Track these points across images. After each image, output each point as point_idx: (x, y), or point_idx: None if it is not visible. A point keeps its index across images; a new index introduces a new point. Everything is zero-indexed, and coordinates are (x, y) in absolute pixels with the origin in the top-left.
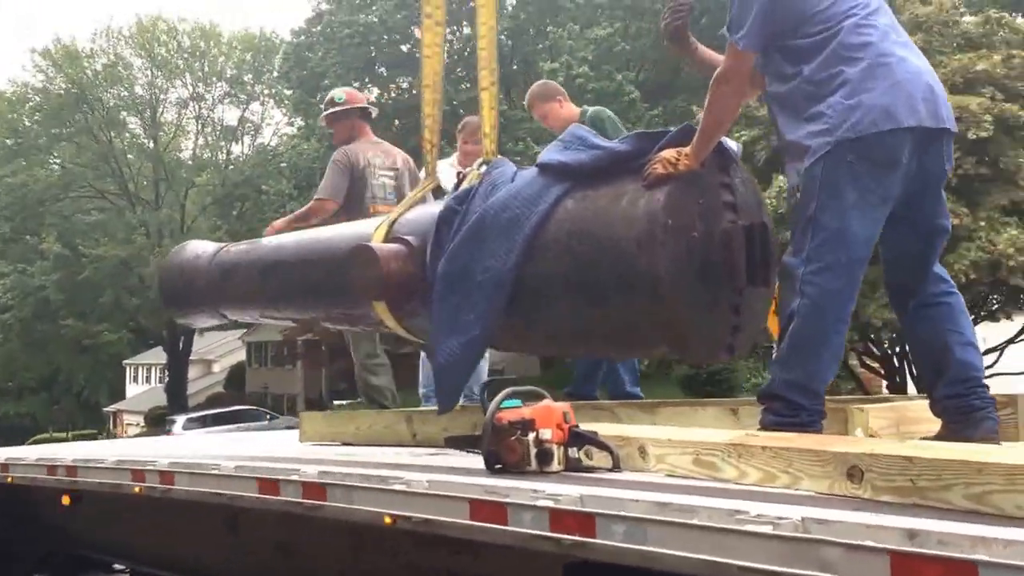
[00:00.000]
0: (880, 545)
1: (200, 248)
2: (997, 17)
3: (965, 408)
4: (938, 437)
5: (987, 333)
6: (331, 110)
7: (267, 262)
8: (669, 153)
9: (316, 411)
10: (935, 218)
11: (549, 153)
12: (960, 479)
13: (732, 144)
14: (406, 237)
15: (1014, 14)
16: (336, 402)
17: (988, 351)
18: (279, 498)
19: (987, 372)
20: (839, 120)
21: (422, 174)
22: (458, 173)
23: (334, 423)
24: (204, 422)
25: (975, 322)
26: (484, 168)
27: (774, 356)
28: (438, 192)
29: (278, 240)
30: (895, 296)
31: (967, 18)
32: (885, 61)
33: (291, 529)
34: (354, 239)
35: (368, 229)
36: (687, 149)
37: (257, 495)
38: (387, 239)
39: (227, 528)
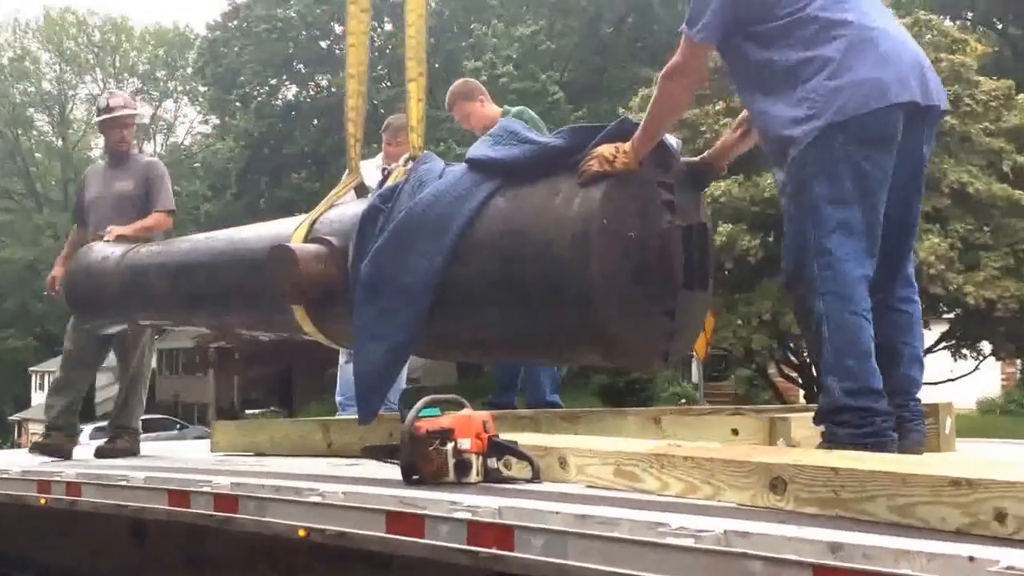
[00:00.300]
0: (803, 559)
1: (108, 249)
2: (926, 19)
3: (895, 420)
4: None
5: None
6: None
7: (180, 264)
8: (606, 149)
9: (228, 420)
10: (912, 211)
11: (479, 148)
12: (884, 491)
13: (672, 140)
14: (327, 237)
15: (942, 17)
16: (249, 411)
17: None
18: (189, 510)
19: None
20: (825, 103)
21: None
22: (383, 170)
23: (247, 432)
24: None
25: None
26: (411, 164)
27: (821, 368)
28: (361, 191)
29: (191, 241)
30: None
31: (897, 20)
32: (867, 36)
33: (201, 542)
34: (272, 240)
35: (287, 229)
36: (626, 145)
37: (167, 507)
38: (307, 239)
39: (135, 541)
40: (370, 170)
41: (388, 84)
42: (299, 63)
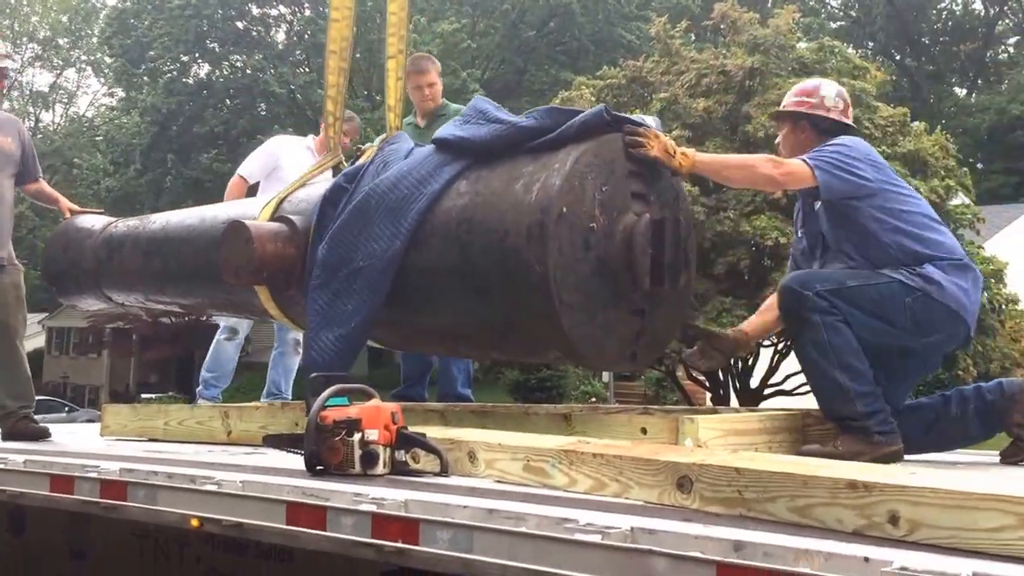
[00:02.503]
0: (707, 556)
1: (89, 222)
2: (830, 45)
3: None
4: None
5: None
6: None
7: (152, 241)
8: (671, 143)
9: (121, 404)
10: None
11: (447, 128)
12: (786, 492)
13: (651, 121)
14: (291, 216)
15: (846, 44)
16: (145, 395)
17: None
18: (73, 497)
19: (805, 388)
20: None
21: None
22: (357, 148)
23: (141, 417)
24: None
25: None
26: (381, 144)
27: None
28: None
29: (166, 217)
30: None
31: (802, 44)
32: None
33: (85, 531)
34: (240, 218)
35: (257, 208)
36: (690, 151)
37: (48, 493)
38: (273, 218)
39: (13, 529)
40: (299, 149)
41: (306, 69)
42: (212, 42)
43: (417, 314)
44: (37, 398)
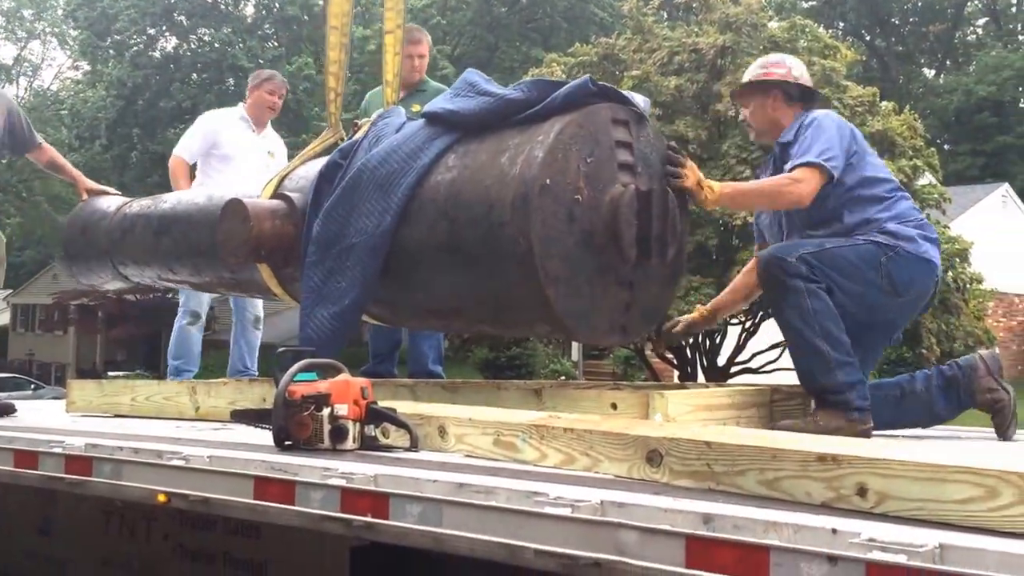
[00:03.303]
0: (676, 529)
1: (107, 203)
2: (802, 24)
3: None
4: None
5: (774, 328)
6: None
7: (162, 220)
8: (699, 175)
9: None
10: None
11: (437, 101)
12: (755, 465)
13: (639, 99)
14: (290, 194)
15: (817, 23)
16: (112, 373)
17: (774, 346)
18: (37, 472)
19: (771, 367)
20: None
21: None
22: (353, 123)
23: (107, 393)
24: None
25: (762, 319)
26: (375, 119)
27: None
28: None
29: (176, 196)
30: None
31: (774, 23)
32: None
33: (51, 507)
34: (244, 196)
35: (261, 187)
36: (716, 184)
37: (12, 468)
38: (274, 196)
39: None
40: (234, 121)
41: (275, 43)
42: (180, 15)
43: (410, 290)
44: (2, 375)
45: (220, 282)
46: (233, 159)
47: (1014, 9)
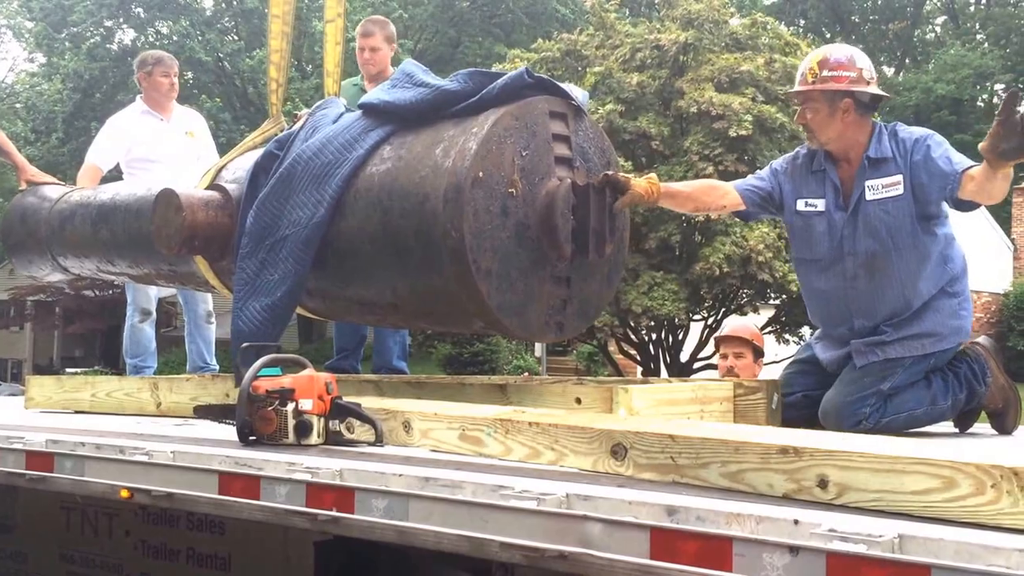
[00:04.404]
0: (641, 521)
1: (48, 192)
2: (763, 22)
3: None
4: None
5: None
6: None
7: (101, 210)
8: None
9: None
10: None
11: (375, 92)
12: (718, 457)
13: (577, 92)
14: (226, 185)
15: (778, 21)
16: (69, 370)
17: None
18: None
19: None
20: None
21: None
22: (294, 114)
23: (67, 389)
24: None
25: (725, 314)
26: (312, 110)
27: None
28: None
29: (115, 187)
30: None
31: (735, 20)
32: None
33: (11, 504)
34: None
35: (198, 178)
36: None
37: None
38: (210, 187)
39: None
40: (141, 118)
41: (234, 37)
42: (138, 7)
43: (344, 283)
44: None
45: (159, 274)
46: (153, 155)
47: (972, 8)
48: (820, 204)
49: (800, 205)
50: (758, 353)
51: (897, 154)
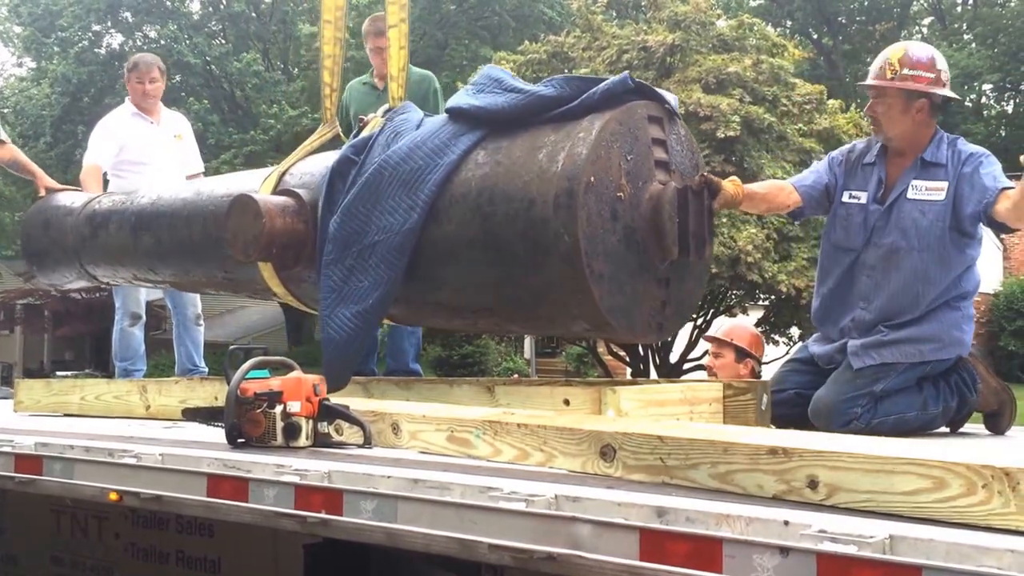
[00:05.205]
0: (630, 522)
1: (68, 199)
2: (750, 23)
3: None
4: None
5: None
6: None
7: (142, 216)
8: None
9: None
10: None
11: (460, 97)
12: (707, 459)
13: (671, 97)
14: (296, 190)
15: (765, 22)
16: (60, 373)
17: None
18: None
19: None
20: None
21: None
22: (360, 119)
23: (56, 392)
24: None
25: (715, 315)
26: (388, 115)
27: None
28: (335, 144)
29: (155, 192)
30: None
31: (722, 21)
32: None
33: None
34: (239, 191)
35: (255, 181)
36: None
37: None
38: (275, 192)
39: None
40: (131, 121)
41: (222, 40)
42: (125, 11)
43: (435, 288)
44: None
45: (210, 281)
46: (143, 157)
47: (959, 9)
48: (863, 197)
49: (845, 196)
50: (742, 354)
51: (950, 163)
